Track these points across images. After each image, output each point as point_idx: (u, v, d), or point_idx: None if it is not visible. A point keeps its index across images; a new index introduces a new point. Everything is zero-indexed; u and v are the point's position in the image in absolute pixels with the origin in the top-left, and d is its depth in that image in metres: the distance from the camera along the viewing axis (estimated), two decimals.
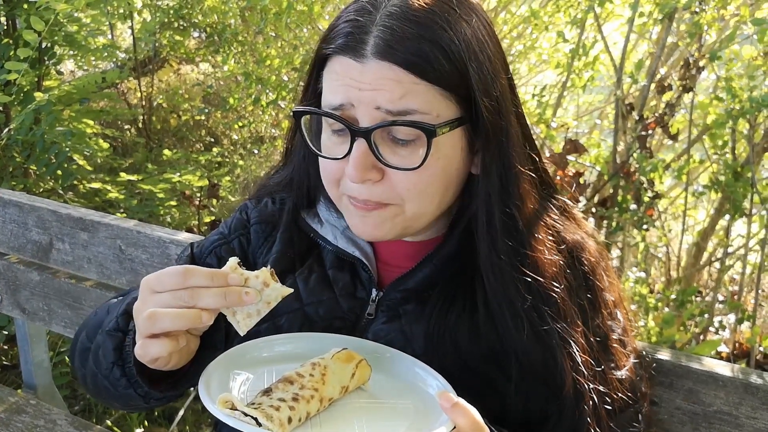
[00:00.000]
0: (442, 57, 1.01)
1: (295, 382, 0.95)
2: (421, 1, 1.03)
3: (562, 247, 1.16)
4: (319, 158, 1.13)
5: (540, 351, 1.08)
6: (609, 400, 1.12)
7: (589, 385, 1.09)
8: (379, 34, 1.01)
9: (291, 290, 0.99)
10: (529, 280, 1.09)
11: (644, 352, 1.34)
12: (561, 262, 1.14)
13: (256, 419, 0.87)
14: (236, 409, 0.88)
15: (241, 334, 0.98)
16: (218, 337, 1.11)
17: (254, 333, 1.17)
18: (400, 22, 1.01)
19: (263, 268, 0.98)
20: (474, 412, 0.91)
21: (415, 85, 1.01)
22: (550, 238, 1.15)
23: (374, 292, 1.19)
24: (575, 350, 1.09)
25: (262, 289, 0.97)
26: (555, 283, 1.11)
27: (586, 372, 1.09)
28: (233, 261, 0.97)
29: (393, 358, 1.09)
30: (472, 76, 1.04)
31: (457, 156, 1.08)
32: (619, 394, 1.14)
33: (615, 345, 1.17)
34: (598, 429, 1.09)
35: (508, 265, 1.09)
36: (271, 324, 1.18)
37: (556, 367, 1.08)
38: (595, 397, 1.10)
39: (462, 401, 0.91)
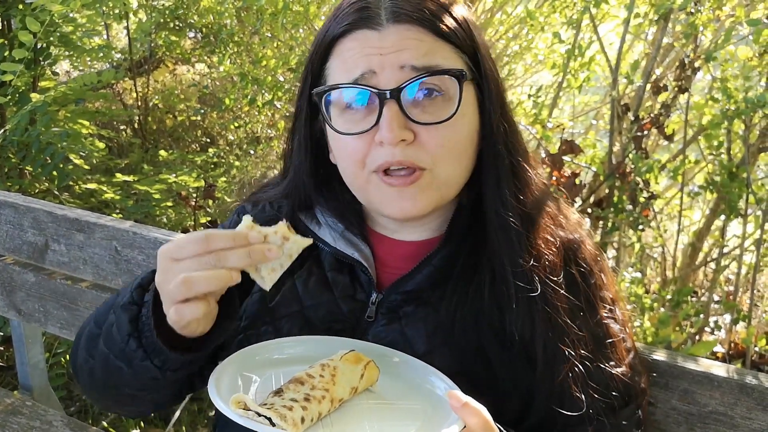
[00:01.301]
0: (449, 16, 1.11)
1: (305, 383, 0.96)
2: None
3: (558, 244, 1.17)
4: (340, 143, 1.13)
5: (529, 324, 1.10)
6: (606, 394, 1.12)
7: (570, 352, 1.10)
8: (390, 5, 1.08)
9: (310, 241, 1.01)
10: (531, 244, 1.13)
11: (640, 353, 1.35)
12: (559, 241, 1.17)
13: (269, 419, 0.87)
14: (249, 410, 0.88)
15: (266, 288, 1.00)
16: (233, 307, 1.11)
17: (256, 336, 1.17)
18: None
19: (279, 222, 1.00)
20: (484, 411, 0.91)
21: (435, 42, 1.09)
22: (550, 225, 1.18)
23: (374, 295, 1.18)
24: (560, 319, 1.11)
25: (282, 243, 0.99)
26: (552, 250, 1.15)
27: (567, 340, 1.10)
28: (248, 219, 0.99)
29: (400, 361, 1.09)
30: (475, 33, 1.14)
31: (472, 114, 1.14)
32: (617, 390, 1.14)
33: (613, 341, 1.17)
34: (584, 400, 1.10)
35: (515, 225, 1.13)
36: (272, 327, 1.18)
37: (536, 334, 1.10)
38: (579, 366, 1.10)
39: (472, 401, 0.91)
